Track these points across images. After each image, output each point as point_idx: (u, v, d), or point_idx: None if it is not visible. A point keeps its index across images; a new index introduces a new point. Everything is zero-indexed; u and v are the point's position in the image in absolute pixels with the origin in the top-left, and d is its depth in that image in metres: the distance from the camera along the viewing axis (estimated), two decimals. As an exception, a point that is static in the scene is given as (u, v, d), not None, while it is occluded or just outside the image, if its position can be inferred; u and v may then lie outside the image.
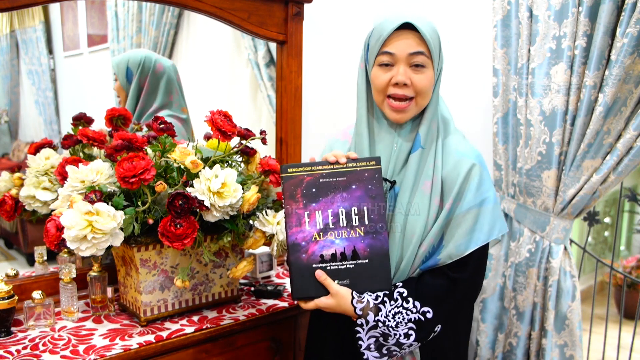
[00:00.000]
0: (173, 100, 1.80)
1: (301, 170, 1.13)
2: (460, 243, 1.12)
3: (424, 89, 1.12)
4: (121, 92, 1.78)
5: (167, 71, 1.79)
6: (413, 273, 1.15)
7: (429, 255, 1.14)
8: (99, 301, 1.43)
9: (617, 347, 1.83)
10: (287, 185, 1.12)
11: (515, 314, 1.79)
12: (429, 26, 1.12)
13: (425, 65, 1.11)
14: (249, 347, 1.48)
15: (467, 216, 1.12)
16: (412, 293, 1.11)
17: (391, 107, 1.14)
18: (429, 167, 1.14)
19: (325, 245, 1.11)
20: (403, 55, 1.11)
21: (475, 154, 1.16)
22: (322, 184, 1.12)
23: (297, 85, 1.85)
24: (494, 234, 1.13)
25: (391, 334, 1.09)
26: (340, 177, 1.13)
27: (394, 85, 1.12)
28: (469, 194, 1.12)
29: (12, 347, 1.24)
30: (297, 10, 1.79)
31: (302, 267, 1.11)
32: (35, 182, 1.43)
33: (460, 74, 2.06)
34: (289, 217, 1.12)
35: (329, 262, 1.11)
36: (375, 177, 1.12)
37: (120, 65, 1.77)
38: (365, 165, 1.13)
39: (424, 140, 1.15)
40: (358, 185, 1.12)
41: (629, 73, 1.45)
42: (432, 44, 1.11)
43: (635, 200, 1.78)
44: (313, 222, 1.12)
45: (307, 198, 1.12)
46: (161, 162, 1.32)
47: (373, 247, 1.11)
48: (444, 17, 2.10)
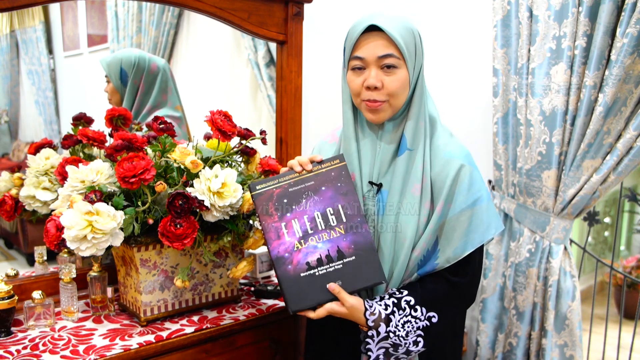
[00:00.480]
0: (167, 99, 1.79)
1: (269, 185, 1.14)
2: (457, 246, 1.11)
3: (395, 90, 1.10)
4: (114, 94, 1.75)
5: (161, 70, 1.78)
6: (408, 278, 1.15)
7: (424, 259, 1.13)
8: (99, 301, 1.43)
9: (617, 347, 1.83)
10: (258, 202, 1.13)
11: (515, 314, 1.79)
12: (399, 26, 1.08)
13: (397, 66, 1.09)
14: (249, 347, 1.48)
15: (460, 218, 1.11)
16: (419, 300, 1.10)
17: (367, 107, 1.13)
18: (418, 170, 1.12)
19: (309, 251, 1.10)
20: (372, 59, 1.09)
21: (463, 154, 1.14)
22: (291, 192, 1.13)
23: (297, 85, 1.85)
24: (489, 234, 1.12)
25: (402, 343, 1.09)
26: (308, 182, 1.13)
27: (367, 89, 1.11)
28: (460, 196, 1.11)
29: (12, 347, 1.24)
30: (297, 10, 1.79)
31: (291, 279, 1.10)
32: (35, 182, 1.43)
33: (460, 74, 2.06)
34: (267, 233, 1.12)
35: (316, 267, 1.10)
36: (342, 174, 1.13)
37: (112, 66, 1.74)
38: (330, 165, 1.13)
39: (410, 141, 1.13)
40: (327, 186, 1.12)
41: (629, 73, 1.45)
42: (403, 43, 1.07)
43: (635, 200, 1.78)
44: (291, 231, 1.11)
45: (281, 210, 1.12)
46: (161, 162, 1.32)
47: (357, 242, 1.10)
48: (444, 17, 2.10)
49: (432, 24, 2.15)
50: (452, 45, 2.08)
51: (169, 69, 1.82)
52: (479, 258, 1.17)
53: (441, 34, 2.13)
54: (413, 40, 1.10)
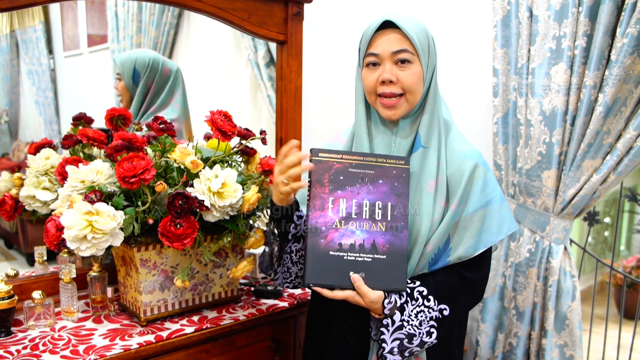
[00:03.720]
0: (173, 102, 1.80)
1: (331, 157, 1.13)
2: (469, 245, 1.13)
3: (411, 84, 1.12)
4: (125, 92, 1.77)
5: (173, 74, 1.79)
6: (418, 271, 1.15)
7: (436, 256, 1.14)
8: (99, 301, 1.43)
9: (617, 347, 1.83)
10: (315, 168, 1.12)
11: (515, 314, 1.79)
12: (412, 23, 1.11)
13: (411, 61, 1.11)
14: (249, 347, 1.48)
15: (473, 218, 1.13)
16: (432, 291, 1.11)
17: (382, 105, 1.14)
18: (432, 167, 1.14)
19: (346, 234, 1.10)
20: (387, 54, 1.11)
21: (476, 154, 1.16)
22: (350, 173, 1.12)
23: (297, 85, 1.85)
24: (502, 234, 1.14)
25: (416, 333, 1.09)
26: (369, 170, 1.13)
27: (381, 84, 1.13)
28: (474, 196, 1.13)
29: (12, 347, 1.24)
30: (297, 10, 1.79)
31: (319, 253, 1.09)
32: (35, 182, 1.43)
33: (460, 74, 2.06)
34: (312, 200, 1.11)
35: (347, 251, 1.09)
36: (403, 176, 1.13)
37: (126, 65, 1.75)
38: (395, 163, 1.13)
39: (425, 139, 1.15)
40: (385, 180, 1.12)
41: (629, 73, 1.45)
42: (417, 39, 1.10)
43: (635, 200, 1.78)
44: (336, 208, 1.11)
45: (334, 184, 1.11)
46: (161, 162, 1.32)
47: (393, 244, 1.10)
48: (444, 17, 2.10)
49: (432, 24, 2.15)
50: (452, 45, 2.08)
51: (181, 74, 1.83)
52: (489, 257, 1.19)
53: (441, 34, 2.13)
54: (427, 38, 1.13)
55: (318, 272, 1.09)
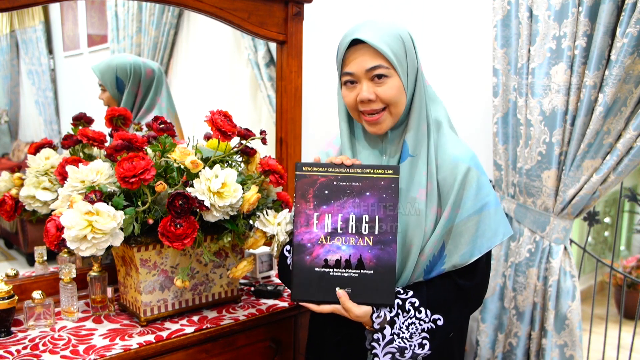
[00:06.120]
0: (160, 101, 1.79)
1: (316, 170, 1.11)
2: (464, 252, 1.11)
3: (391, 98, 1.09)
4: (112, 102, 1.72)
5: (157, 74, 1.78)
6: (413, 280, 1.15)
7: (431, 264, 1.13)
8: (99, 301, 1.43)
9: (617, 347, 1.83)
10: (299, 183, 1.10)
11: (515, 314, 1.79)
12: (383, 34, 1.06)
13: (387, 75, 1.07)
14: (249, 347, 1.48)
15: (468, 224, 1.10)
16: (424, 302, 1.10)
17: (366, 121, 1.13)
18: (421, 175, 1.11)
19: (331, 250, 1.09)
20: (361, 72, 1.08)
21: (469, 156, 1.13)
22: (335, 186, 1.10)
23: (297, 85, 1.85)
24: (497, 239, 1.12)
25: (407, 346, 1.08)
26: (355, 182, 1.10)
27: (361, 103, 1.10)
28: (468, 201, 1.10)
29: (12, 347, 1.24)
30: (297, 10, 1.79)
31: (305, 269, 1.09)
32: (35, 182, 1.43)
33: (460, 74, 2.06)
34: (297, 216, 1.10)
35: (333, 267, 1.09)
36: (392, 186, 1.09)
37: (106, 75, 1.70)
38: (383, 173, 1.10)
39: (412, 147, 1.12)
40: (372, 192, 1.09)
41: (629, 73, 1.45)
42: (390, 52, 1.06)
43: (635, 200, 1.78)
44: (321, 224, 1.09)
45: (319, 199, 1.10)
46: (161, 162, 1.32)
47: (380, 258, 1.08)
48: (444, 17, 2.11)
49: (432, 24, 2.15)
50: (452, 45, 2.08)
51: (162, 72, 1.82)
52: (487, 261, 1.17)
53: (441, 34, 2.13)
54: (402, 46, 1.08)
55: (304, 288, 1.09)
